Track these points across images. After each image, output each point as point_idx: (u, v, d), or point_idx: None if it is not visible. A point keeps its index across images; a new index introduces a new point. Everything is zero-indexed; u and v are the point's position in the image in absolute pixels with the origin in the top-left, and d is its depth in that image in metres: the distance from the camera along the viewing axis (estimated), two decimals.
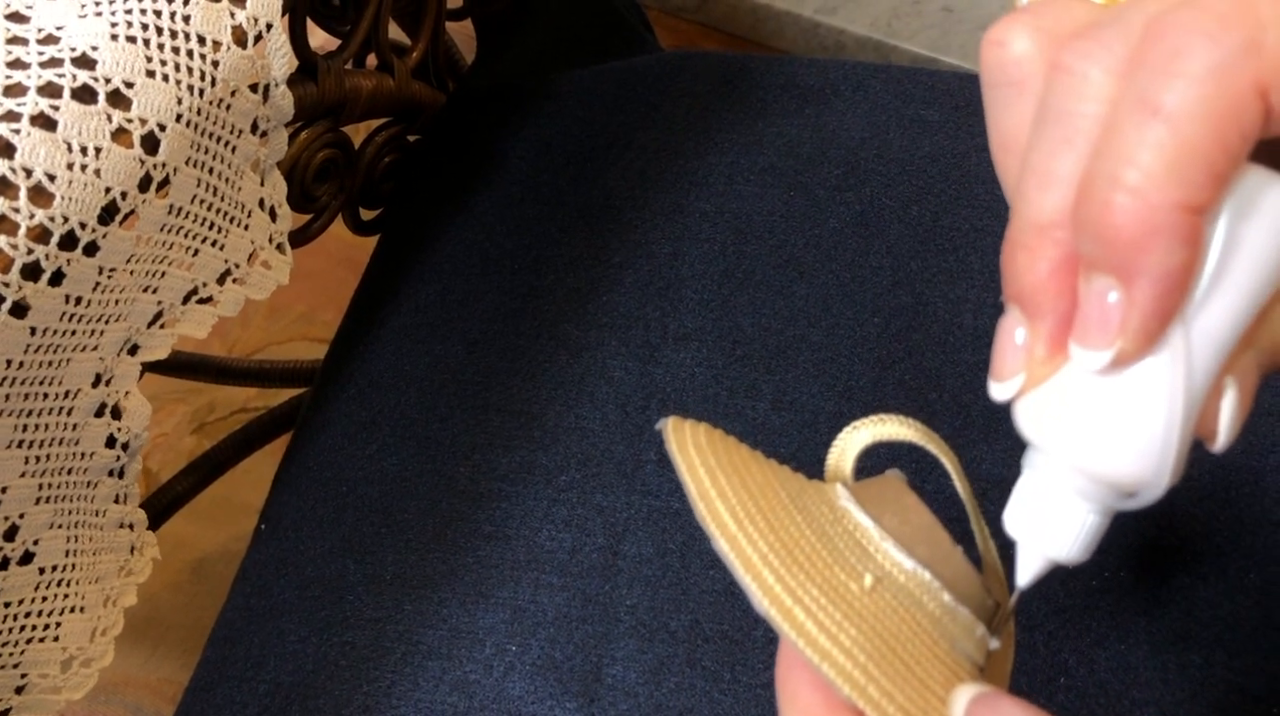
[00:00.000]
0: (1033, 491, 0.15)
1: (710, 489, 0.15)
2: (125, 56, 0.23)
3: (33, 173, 0.22)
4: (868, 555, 0.15)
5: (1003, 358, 0.15)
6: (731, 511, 0.14)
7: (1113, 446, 0.14)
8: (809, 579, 0.14)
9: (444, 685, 0.28)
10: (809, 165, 0.36)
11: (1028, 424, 0.15)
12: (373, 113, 0.37)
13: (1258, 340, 0.14)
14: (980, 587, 0.15)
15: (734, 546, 0.14)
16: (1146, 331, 0.13)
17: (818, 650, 0.13)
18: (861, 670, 0.14)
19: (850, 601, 0.14)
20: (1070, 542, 0.15)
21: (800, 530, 0.15)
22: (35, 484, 0.26)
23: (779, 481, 0.16)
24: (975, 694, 0.14)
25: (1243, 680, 0.25)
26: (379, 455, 0.33)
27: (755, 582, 0.14)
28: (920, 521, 0.15)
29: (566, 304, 0.34)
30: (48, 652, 0.28)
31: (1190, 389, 0.14)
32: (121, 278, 0.25)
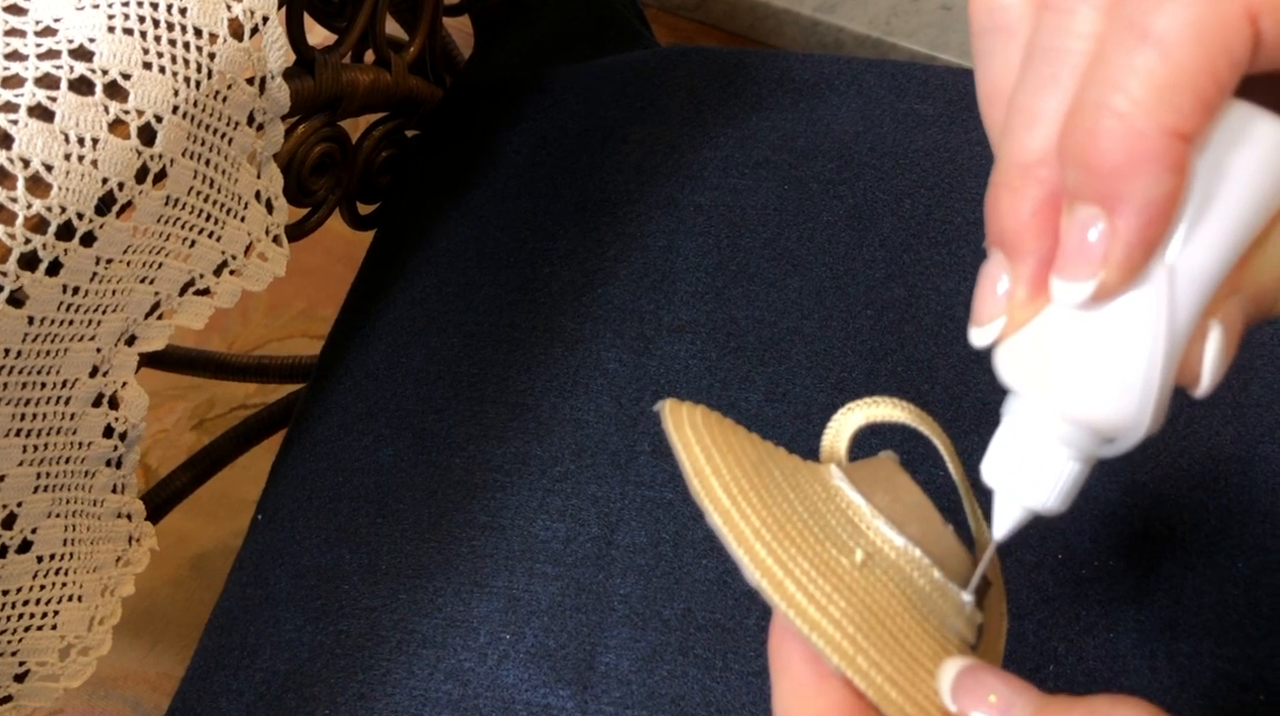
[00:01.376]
0: (1011, 439, 0.15)
1: (705, 465, 0.15)
2: (122, 48, 0.23)
3: (30, 163, 0.22)
4: (859, 532, 0.15)
5: (983, 302, 0.14)
6: (725, 487, 0.15)
7: (1092, 388, 0.14)
8: (800, 553, 0.14)
9: (438, 673, 0.28)
10: (803, 159, 0.36)
11: (1007, 369, 0.15)
12: (370, 107, 0.37)
13: (1242, 285, 0.14)
14: (971, 566, 0.15)
15: (727, 520, 0.14)
16: (1129, 263, 0.13)
17: (807, 621, 0.14)
18: (850, 641, 0.14)
19: (840, 575, 0.14)
20: (1049, 491, 0.15)
21: (793, 506, 0.15)
22: (33, 472, 0.26)
23: (773, 461, 0.16)
24: (962, 666, 0.14)
25: (1230, 668, 0.25)
26: (375, 446, 0.33)
27: (747, 555, 0.14)
28: (911, 500, 0.15)
29: (562, 297, 0.34)
30: (46, 641, 0.28)
31: (1173, 327, 0.13)
32: (119, 268, 0.25)
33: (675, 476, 0.30)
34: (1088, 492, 0.28)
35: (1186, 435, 0.29)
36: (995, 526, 0.15)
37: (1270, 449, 0.28)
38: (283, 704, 0.29)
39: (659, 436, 0.31)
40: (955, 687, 0.14)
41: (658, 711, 0.27)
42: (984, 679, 0.14)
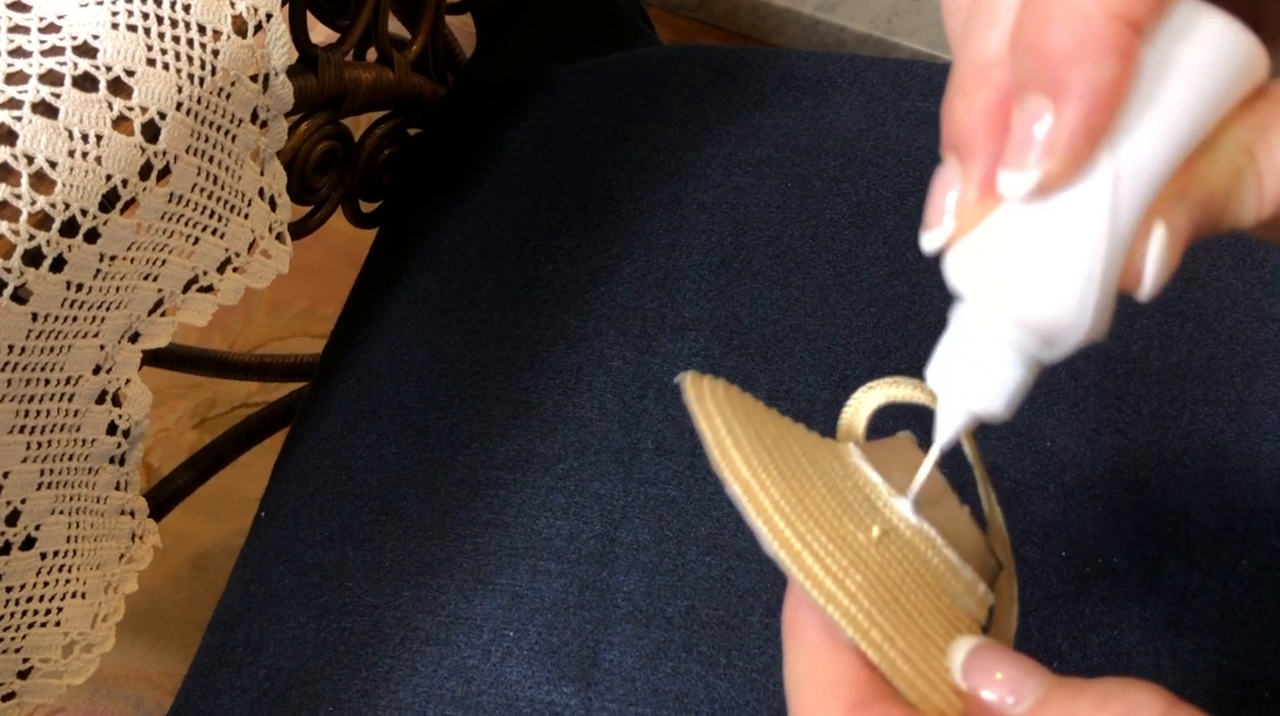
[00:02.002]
0: (956, 343, 0.15)
1: (726, 437, 0.15)
2: (126, 45, 0.23)
3: (34, 159, 0.22)
4: (876, 509, 0.15)
5: (934, 207, 0.15)
6: (745, 458, 0.15)
7: (1032, 287, 0.14)
8: (818, 526, 0.14)
9: (442, 670, 0.28)
10: (806, 157, 0.36)
11: (954, 272, 0.15)
12: (372, 105, 0.37)
13: (1189, 191, 0.14)
14: (985, 548, 0.15)
15: (747, 491, 0.14)
16: (1074, 152, 0.13)
17: (824, 592, 0.14)
18: (865, 614, 0.14)
19: (857, 550, 0.14)
20: (992, 394, 0.15)
21: (811, 481, 0.15)
22: (37, 469, 0.26)
23: (792, 436, 0.16)
24: (974, 644, 0.14)
25: (1235, 665, 0.25)
26: (378, 443, 0.33)
27: (766, 526, 0.14)
28: (929, 481, 0.15)
29: (565, 294, 0.34)
30: (49, 637, 0.28)
31: (1114, 224, 0.13)
32: (122, 265, 0.25)
33: (678, 474, 0.30)
34: (1091, 490, 0.28)
35: (1190, 433, 0.28)
36: (938, 431, 0.16)
37: (1274, 446, 0.28)
38: (286, 701, 0.29)
39: (662, 433, 0.31)
40: (966, 665, 0.14)
41: (661, 708, 0.27)
42: (995, 657, 0.14)
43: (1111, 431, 0.29)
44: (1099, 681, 0.13)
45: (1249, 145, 0.14)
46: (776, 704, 0.26)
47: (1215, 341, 0.30)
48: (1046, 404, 0.30)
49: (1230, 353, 0.30)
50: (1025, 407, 0.30)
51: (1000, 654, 0.14)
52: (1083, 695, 0.13)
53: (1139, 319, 0.31)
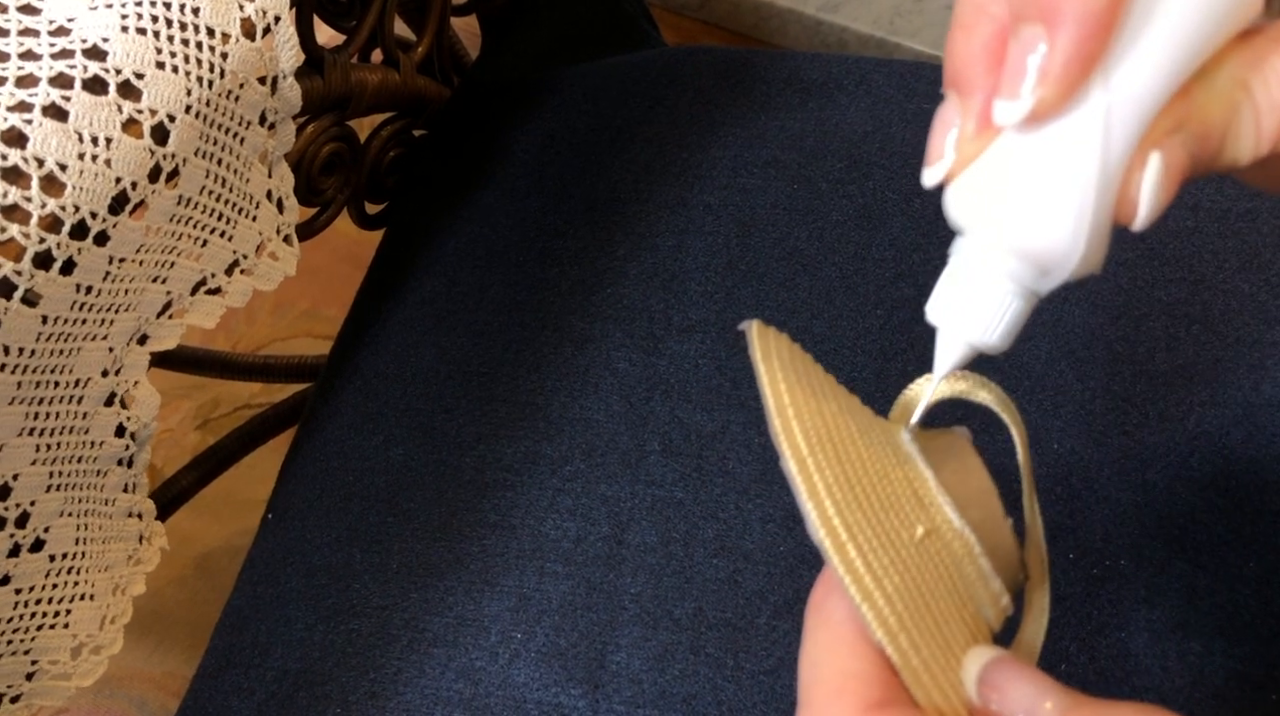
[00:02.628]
0: (954, 276, 0.15)
1: (789, 406, 0.14)
2: (135, 48, 0.23)
3: (44, 162, 0.22)
4: (922, 506, 0.15)
5: (935, 142, 0.15)
6: (805, 434, 0.14)
7: (1028, 214, 0.14)
8: (865, 518, 0.14)
9: (449, 672, 0.28)
10: (812, 159, 0.36)
11: (954, 205, 0.15)
12: (378, 107, 0.37)
13: (1187, 123, 0.14)
14: (1017, 564, 0.15)
15: (802, 469, 0.14)
16: (1066, 79, 0.13)
17: (862, 589, 0.14)
18: (898, 618, 0.14)
19: (899, 549, 0.14)
20: (990, 325, 0.15)
21: (865, 466, 0.15)
22: (46, 472, 0.26)
23: (850, 411, 0.15)
24: (992, 657, 0.14)
25: (1242, 667, 0.25)
26: (385, 445, 0.33)
27: (816, 511, 0.14)
28: (978, 485, 0.15)
29: (571, 296, 0.34)
30: (58, 639, 0.28)
31: (1107, 151, 0.13)
32: (131, 267, 0.25)
33: (685, 475, 0.30)
34: (1098, 492, 0.28)
35: (1197, 435, 0.29)
36: (936, 363, 0.16)
37: None
38: (294, 702, 0.29)
39: (669, 435, 0.31)
40: (983, 678, 0.14)
41: (669, 710, 0.27)
42: (1012, 673, 0.14)
43: (1118, 434, 0.29)
44: (1116, 705, 0.13)
45: (1245, 80, 0.14)
46: (784, 706, 0.26)
47: (1222, 344, 0.30)
48: (1053, 406, 0.30)
49: (1237, 355, 0.30)
50: (1032, 409, 0.30)
51: (1017, 670, 0.14)
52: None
53: (1145, 321, 0.31)
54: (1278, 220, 0.32)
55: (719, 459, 0.30)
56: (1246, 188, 0.33)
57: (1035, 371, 0.31)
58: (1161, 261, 0.32)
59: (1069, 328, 0.31)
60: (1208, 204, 0.33)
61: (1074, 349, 0.31)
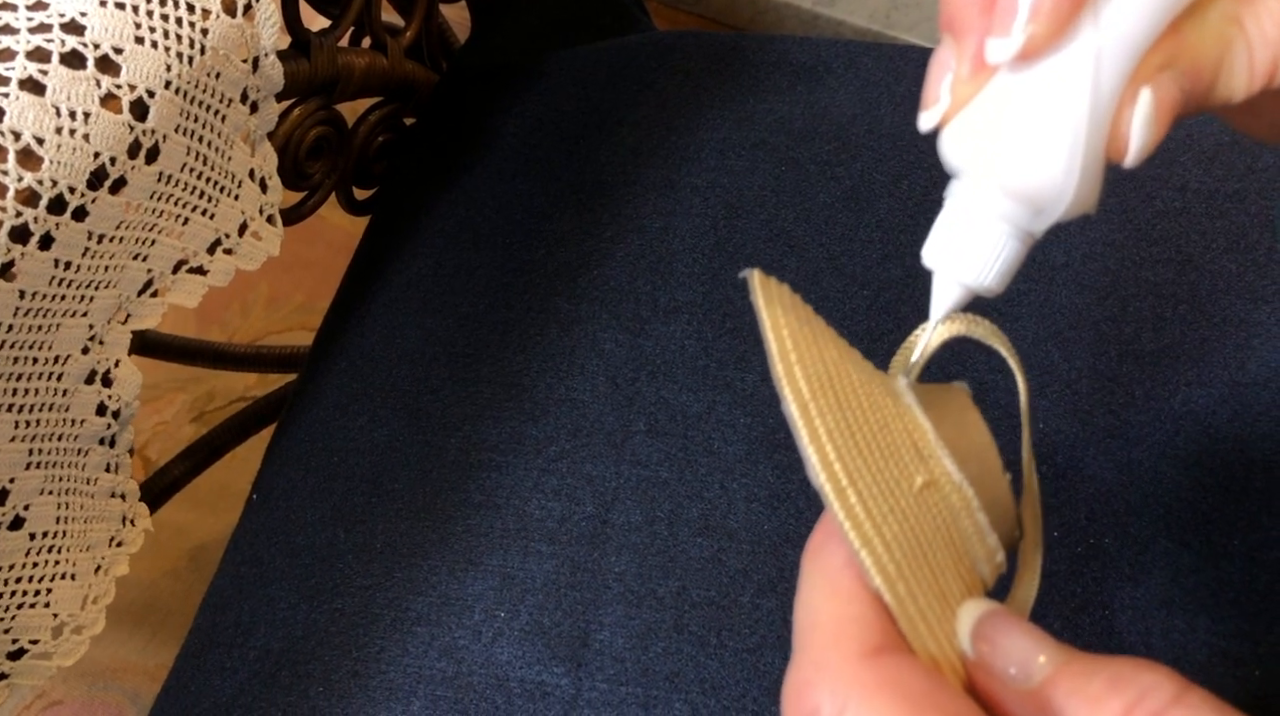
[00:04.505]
0: (949, 219, 0.15)
1: (791, 351, 0.14)
2: (114, 22, 0.23)
3: (21, 136, 0.22)
4: (921, 458, 0.15)
5: (930, 86, 0.15)
6: (807, 379, 0.14)
7: (1020, 153, 0.14)
8: (865, 465, 0.14)
9: (433, 650, 0.28)
10: (800, 141, 0.36)
11: (948, 147, 0.15)
12: (366, 91, 0.37)
13: (1178, 60, 0.14)
14: (1013, 520, 0.15)
15: (804, 414, 0.14)
16: (1057, 14, 0.13)
17: (862, 535, 0.13)
18: (895, 565, 0.14)
19: (898, 498, 0.14)
20: (985, 267, 0.15)
21: (865, 414, 0.15)
22: (25, 449, 0.26)
23: (850, 360, 0.15)
24: (987, 609, 0.14)
25: (1226, 644, 0.25)
26: (370, 426, 0.33)
27: (817, 455, 0.14)
28: (977, 439, 0.15)
29: (557, 278, 0.34)
30: (39, 618, 0.28)
31: (1098, 88, 0.13)
32: (111, 245, 0.25)
33: (670, 455, 0.30)
34: (1083, 471, 0.28)
35: (1183, 414, 0.28)
36: (933, 306, 0.16)
37: (1267, 427, 0.28)
38: (277, 681, 0.29)
39: (654, 415, 0.31)
40: (977, 631, 0.14)
41: (652, 688, 0.27)
42: (1006, 626, 0.14)
43: (1104, 413, 0.29)
44: (1111, 661, 0.13)
45: (1238, 14, 0.14)
46: (767, 683, 0.26)
47: (1208, 324, 0.30)
48: (1039, 386, 0.30)
49: (1223, 335, 0.30)
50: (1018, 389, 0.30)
51: (1012, 623, 0.14)
52: (1095, 676, 0.13)
53: (1132, 302, 0.31)
54: (1265, 201, 0.32)
55: (704, 439, 0.30)
56: (1234, 168, 0.33)
57: (1021, 351, 0.30)
58: (1149, 242, 0.32)
59: (1055, 308, 0.31)
60: (1195, 184, 0.33)
61: (1060, 329, 0.31)
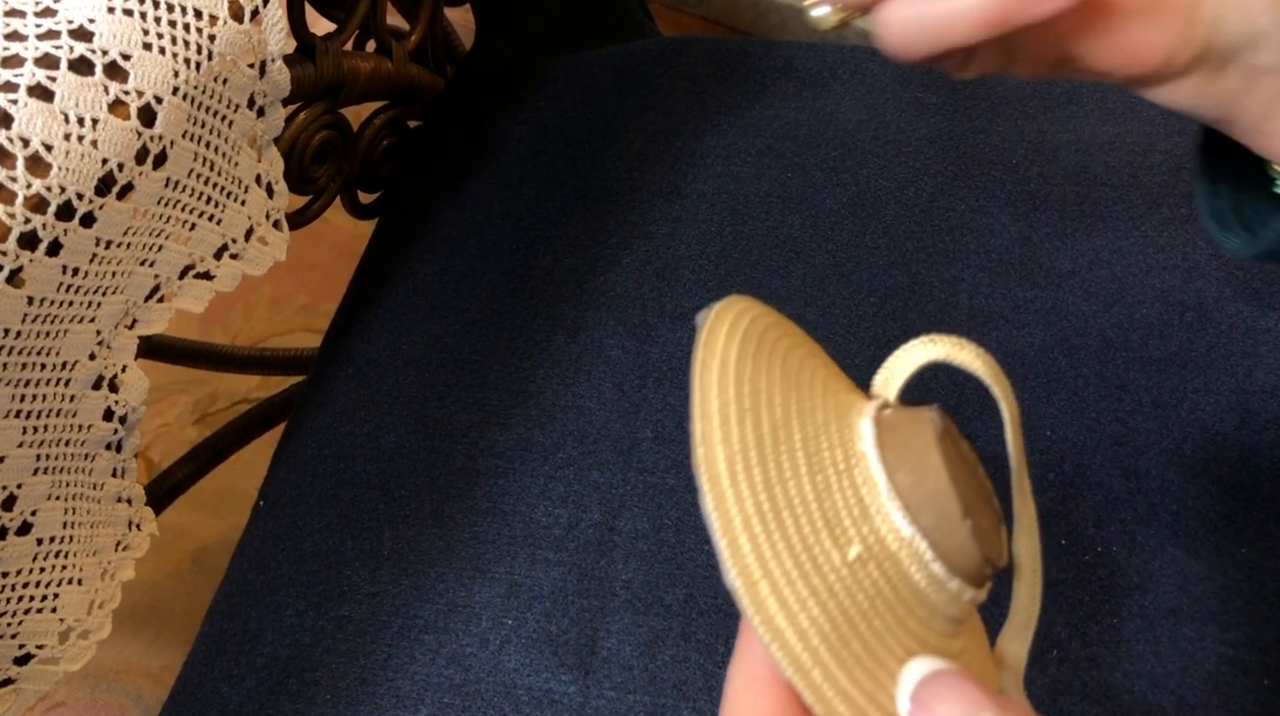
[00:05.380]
0: None
1: (717, 430, 0.14)
2: (122, 29, 0.23)
3: (30, 142, 0.22)
4: (867, 515, 0.14)
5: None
6: (730, 462, 0.14)
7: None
8: (787, 548, 0.14)
9: (440, 658, 0.28)
10: (806, 147, 0.36)
11: None
12: (371, 95, 0.37)
13: None
14: (979, 561, 0.14)
15: (720, 505, 0.13)
16: None
17: (771, 629, 0.13)
18: (811, 653, 0.13)
19: (824, 575, 0.14)
20: None
21: (802, 485, 0.14)
22: (33, 454, 0.26)
23: (803, 411, 0.15)
24: (928, 671, 0.14)
25: (1235, 652, 0.25)
26: (377, 433, 0.33)
27: (730, 551, 0.13)
28: (934, 486, 0.14)
29: (564, 284, 0.34)
30: (46, 623, 0.28)
31: None
32: (119, 250, 0.25)
33: (677, 462, 0.30)
34: (1090, 479, 0.28)
35: (1190, 421, 0.28)
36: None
37: (1274, 434, 0.28)
38: (284, 688, 0.29)
39: (661, 422, 0.31)
40: (916, 693, 0.14)
41: (660, 696, 0.26)
42: (941, 689, 0.13)
43: (1111, 420, 0.29)
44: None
45: None
46: None
47: (1215, 330, 0.30)
48: (1046, 393, 0.30)
49: (1230, 341, 0.30)
50: (1025, 396, 0.30)
51: (950, 685, 0.13)
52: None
53: (1139, 308, 0.31)
54: None
55: None
56: None
57: (1029, 358, 0.30)
58: (1155, 249, 0.32)
59: (1062, 315, 0.31)
60: None
61: (1067, 337, 0.31)
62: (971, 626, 0.16)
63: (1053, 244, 0.32)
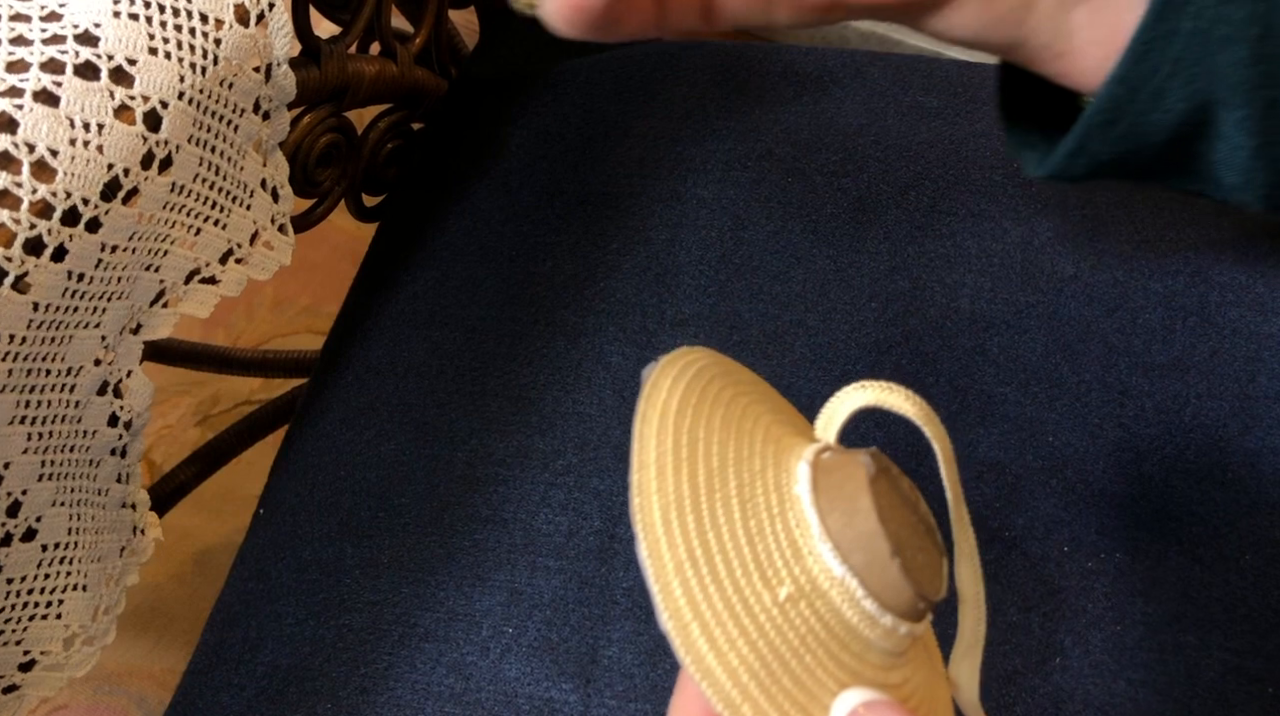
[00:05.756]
0: None
1: (653, 481, 0.15)
2: (127, 33, 0.23)
3: (35, 148, 0.22)
4: (799, 556, 0.15)
5: None
6: (664, 510, 0.14)
7: None
8: (718, 591, 0.14)
9: (440, 667, 0.28)
10: (806, 151, 0.36)
11: None
12: (375, 98, 0.37)
13: None
14: (911, 597, 0.15)
15: (653, 552, 0.14)
16: None
17: (701, 668, 0.14)
18: (740, 690, 0.14)
19: (754, 615, 0.14)
20: None
21: (734, 529, 0.15)
22: (38, 461, 0.26)
23: (739, 458, 0.16)
24: (859, 701, 0.14)
25: (1239, 660, 0.25)
26: (377, 440, 0.33)
27: (661, 593, 0.14)
28: (865, 527, 0.15)
29: (564, 290, 0.34)
30: (50, 630, 0.28)
31: None
32: (123, 255, 0.25)
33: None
34: (1093, 485, 0.28)
35: (1193, 427, 0.28)
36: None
37: (1278, 440, 0.28)
38: (284, 698, 0.29)
39: None
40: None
41: (661, 705, 0.26)
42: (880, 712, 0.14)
43: (1114, 426, 0.29)
44: None
45: None
46: None
47: (1218, 335, 0.30)
48: (1048, 399, 0.30)
49: (1233, 346, 0.30)
50: (1027, 402, 0.30)
51: (884, 712, 0.14)
52: None
53: (1142, 313, 0.31)
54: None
55: None
56: None
57: (1030, 364, 0.30)
58: (1158, 253, 0.32)
59: (1063, 321, 0.31)
60: None
61: (1069, 341, 0.31)
62: (916, 656, 0.16)
63: (1054, 248, 0.32)
